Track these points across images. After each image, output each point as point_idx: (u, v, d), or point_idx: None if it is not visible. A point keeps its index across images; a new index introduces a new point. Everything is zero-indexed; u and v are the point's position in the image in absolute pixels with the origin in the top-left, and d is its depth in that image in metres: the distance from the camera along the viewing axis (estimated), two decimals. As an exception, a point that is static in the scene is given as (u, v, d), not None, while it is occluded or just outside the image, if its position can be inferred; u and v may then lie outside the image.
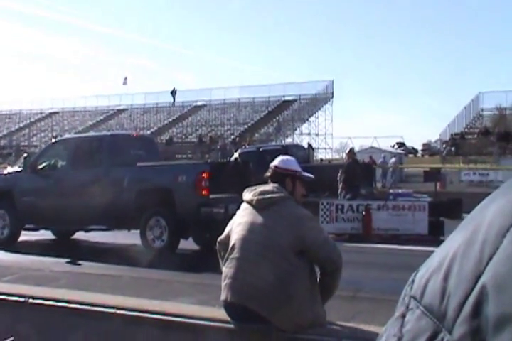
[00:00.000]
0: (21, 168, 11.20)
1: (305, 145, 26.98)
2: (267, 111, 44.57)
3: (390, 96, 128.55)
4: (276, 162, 4.10)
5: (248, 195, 3.92)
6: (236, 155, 18.24)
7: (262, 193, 3.86)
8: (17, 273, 6.98)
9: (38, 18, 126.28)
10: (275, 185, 3.95)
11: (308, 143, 34.15)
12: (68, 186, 10.27)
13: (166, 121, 47.29)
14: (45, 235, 11.22)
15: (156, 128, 46.08)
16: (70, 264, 8.24)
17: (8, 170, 11.60)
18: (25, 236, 10.94)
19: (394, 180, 28.27)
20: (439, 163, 30.55)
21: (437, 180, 18.67)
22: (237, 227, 3.85)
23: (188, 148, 38.71)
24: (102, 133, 16.51)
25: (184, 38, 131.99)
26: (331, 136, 45.30)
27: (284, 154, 4.75)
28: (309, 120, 44.65)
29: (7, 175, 11.17)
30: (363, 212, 11.57)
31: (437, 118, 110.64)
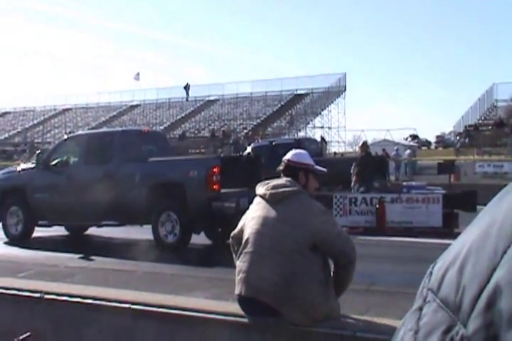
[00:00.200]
0: (34, 164, 11.25)
1: (318, 139, 26.89)
2: (279, 105, 44.45)
3: (403, 88, 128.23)
4: (289, 156, 4.08)
5: (261, 189, 3.91)
6: (249, 149, 18.22)
7: (275, 187, 3.84)
8: (32, 269, 7.03)
9: (52, 16, 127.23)
10: (288, 178, 3.93)
11: (321, 137, 34.11)
12: (80, 182, 10.31)
13: (179, 116, 47.35)
14: (59, 231, 11.29)
15: (168, 123, 46.20)
16: (84, 260, 8.27)
17: (21, 167, 11.64)
18: (39, 233, 11.02)
19: (408, 173, 28.13)
20: (453, 155, 30.35)
21: (451, 172, 18.51)
22: (250, 221, 3.84)
23: (200, 142, 38.72)
24: (114, 129, 16.56)
25: (195, 33, 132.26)
26: (343, 129, 45.29)
27: (296, 148, 4.74)
28: (322, 113, 44.47)
29: (20, 171, 11.23)
30: (377, 205, 11.52)
31: (451, 110, 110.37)
